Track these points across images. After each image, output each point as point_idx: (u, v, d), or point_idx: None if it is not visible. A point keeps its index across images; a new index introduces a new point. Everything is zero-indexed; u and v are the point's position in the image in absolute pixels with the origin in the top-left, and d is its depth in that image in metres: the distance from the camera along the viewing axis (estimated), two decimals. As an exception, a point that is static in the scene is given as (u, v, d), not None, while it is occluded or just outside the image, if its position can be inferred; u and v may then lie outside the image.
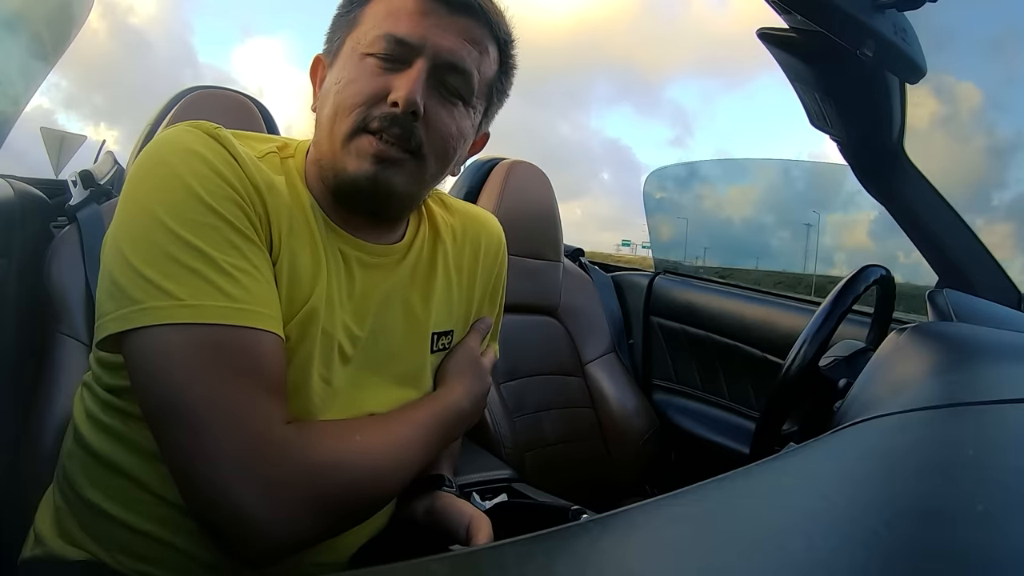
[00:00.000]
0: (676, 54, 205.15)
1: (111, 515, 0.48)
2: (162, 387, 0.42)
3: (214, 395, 0.41)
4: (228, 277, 0.44)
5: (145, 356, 0.42)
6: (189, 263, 0.43)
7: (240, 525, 0.41)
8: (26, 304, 0.72)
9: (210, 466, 0.41)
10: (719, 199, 2.10)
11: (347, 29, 0.53)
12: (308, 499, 0.43)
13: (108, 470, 0.49)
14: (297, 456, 0.44)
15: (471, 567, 0.20)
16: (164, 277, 0.42)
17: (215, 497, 0.41)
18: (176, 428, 0.41)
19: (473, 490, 0.84)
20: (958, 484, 0.25)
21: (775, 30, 0.76)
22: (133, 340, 0.42)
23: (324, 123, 0.52)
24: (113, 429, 0.50)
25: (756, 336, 1.31)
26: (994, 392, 0.41)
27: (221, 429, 0.41)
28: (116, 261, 0.44)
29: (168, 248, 0.43)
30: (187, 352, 0.42)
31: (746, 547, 0.21)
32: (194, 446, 0.41)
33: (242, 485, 0.41)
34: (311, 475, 0.44)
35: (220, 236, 0.44)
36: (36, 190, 0.83)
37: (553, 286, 1.35)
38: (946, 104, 1.02)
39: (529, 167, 1.33)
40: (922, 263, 0.92)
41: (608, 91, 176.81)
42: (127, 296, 0.43)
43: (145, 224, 0.44)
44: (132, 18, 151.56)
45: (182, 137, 0.47)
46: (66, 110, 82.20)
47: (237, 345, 0.43)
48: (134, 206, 0.45)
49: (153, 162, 0.46)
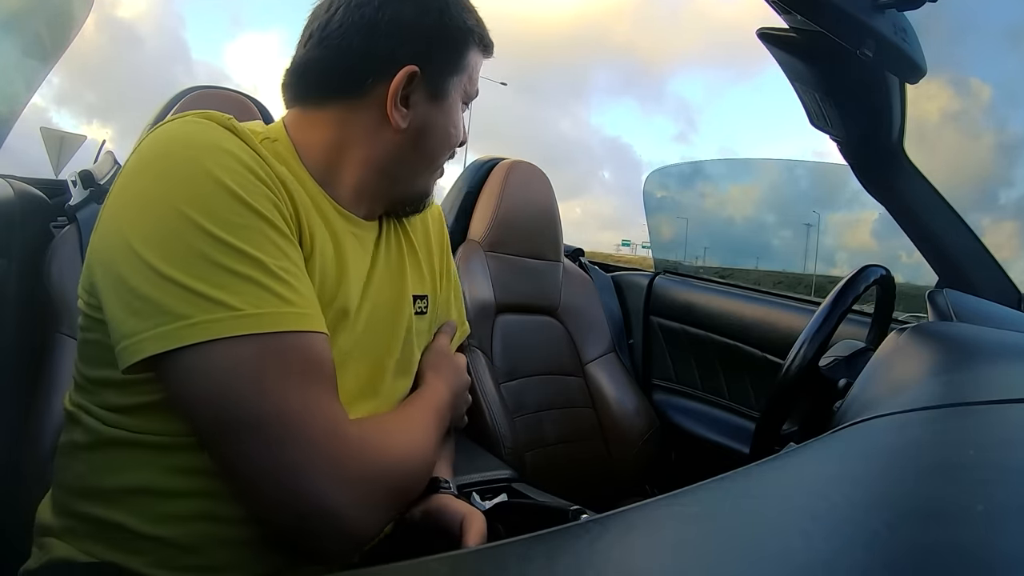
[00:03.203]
0: (680, 45, 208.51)
1: (118, 523, 0.46)
2: (229, 403, 0.40)
3: (289, 405, 0.41)
4: (279, 280, 0.42)
5: (203, 373, 0.40)
6: (238, 269, 0.41)
7: (333, 527, 0.42)
8: (26, 304, 0.72)
9: (297, 476, 0.40)
10: (719, 198, 2.10)
11: (453, 71, 0.56)
12: (387, 492, 0.45)
13: (112, 483, 0.47)
14: (374, 453, 0.45)
15: (471, 567, 0.20)
16: (212, 287, 0.40)
17: (308, 505, 0.41)
18: (251, 442, 0.40)
19: (473, 490, 0.84)
20: (958, 484, 0.25)
21: (775, 30, 0.76)
22: (181, 358, 0.39)
23: (427, 150, 0.57)
24: (119, 442, 0.47)
25: (756, 336, 1.31)
26: (994, 392, 0.41)
27: (302, 437, 0.41)
28: (137, 271, 0.40)
29: (210, 253, 0.40)
30: (254, 364, 0.40)
31: (746, 547, 0.21)
32: (276, 458, 0.40)
33: (333, 489, 0.41)
34: (387, 469, 0.46)
35: (263, 236, 0.43)
36: (36, 190, 0.83)
37: (553, 286, 1.35)
38: (947, 103, 1.02)
39: (529, 167, 1.33)
40: (923, 263, 0.92)
41: (609, 85, 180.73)
42: (166, 311, 0.39)
43: (175, 227, 0.40)
44: (120, 11, 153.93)
45: (199, 130, 0.44)
46: (58, 107, 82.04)
47: (299, 350, 0.42)
48: (153, 206, 0.41)
49: (170, 157, 0.43)
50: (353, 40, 0.52)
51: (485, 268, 1.23)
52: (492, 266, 1.24)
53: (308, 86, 0.55)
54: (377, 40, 0.52)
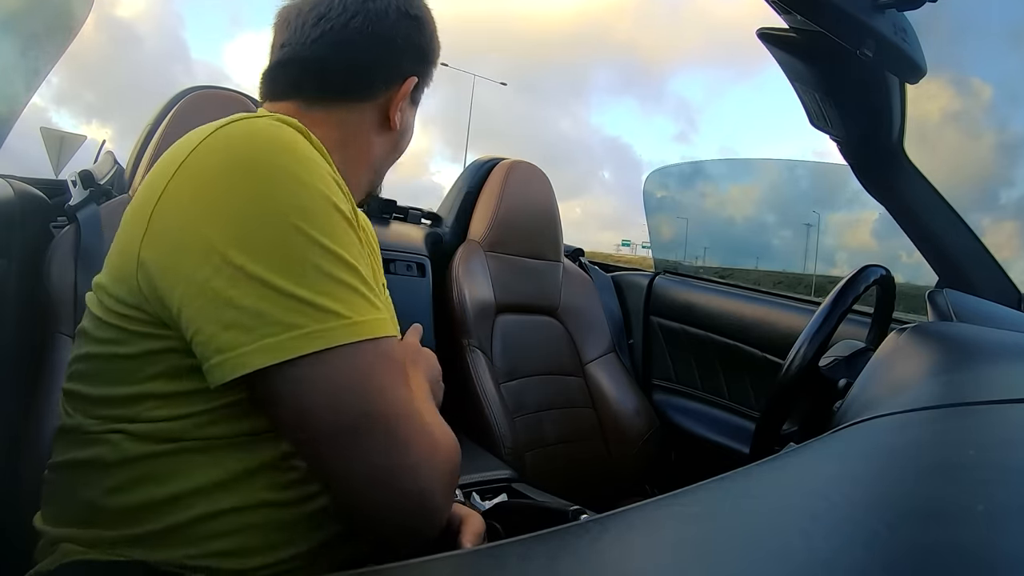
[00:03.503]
0: (681, 44, 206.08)
1: (162, 529, 0.46)
2: (351, 407, 0.41)
3: (404, 406, 0.43)
4: (369, 288, 0.43)
5: (320, 381, 0.40)
6: (342, 277, 0.41)
7: (431, 521, 0.44)
8: (26, 304, 0.72)
9: (415, 472, 0.43)
10: (719, 198, 2.10)
11: (428, 84, 0.63)
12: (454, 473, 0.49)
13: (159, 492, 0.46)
14: (447, 437, 0.49)
15: (472, 567, 0.20)
16: (320, 295, 0.40)
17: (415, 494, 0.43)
18: (372, 446, 0.41)
19: (473, 490, 0.84)
20: (958, 484, 0.25)
21: (775, 30, 0.76)
22: (294, 369, 0.39)
23: (400, 151, 0.63)
24: (163, 453, 0.45)
25: (756, 336, 1.31)
26: (994, 392, 0.41)
27: (416, 435, 0.43)
28: (236, 282, 0.39)
29: (317, 262, 0.40)
30: (370, 369, 0.41)
31: (746, 547, 0.21)
32: (394, 459, 0.42)
33: (432, 476, 0.44)
34: (452, 450, 0.49)
35: (354, 243, 0.44)
36: (36, 190, 0.83)
37: (553, 286, 1.35)
38: (947, 103, 1.02)
39: (529, 167, 1.34)
40: (923, 263, 0.92)
41: (610, 84, 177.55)
42: (274, 322, 0.39)
43: (288, 239, 0.40)
44: (119, 11, 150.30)
45: (288, 136, 0.44)
46: (57, 107, 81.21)
47: (397, 354, 0.44)
48: (253, 216, 0.40)
49: (263, 164, 0.42)
50: (372, 49, 0.56)
51: (485, 268, 1.23)
52: (492, 266, 1.24)
53: (318, 84, 0.56)
54: (392, 52, 0.57)
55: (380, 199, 1.30)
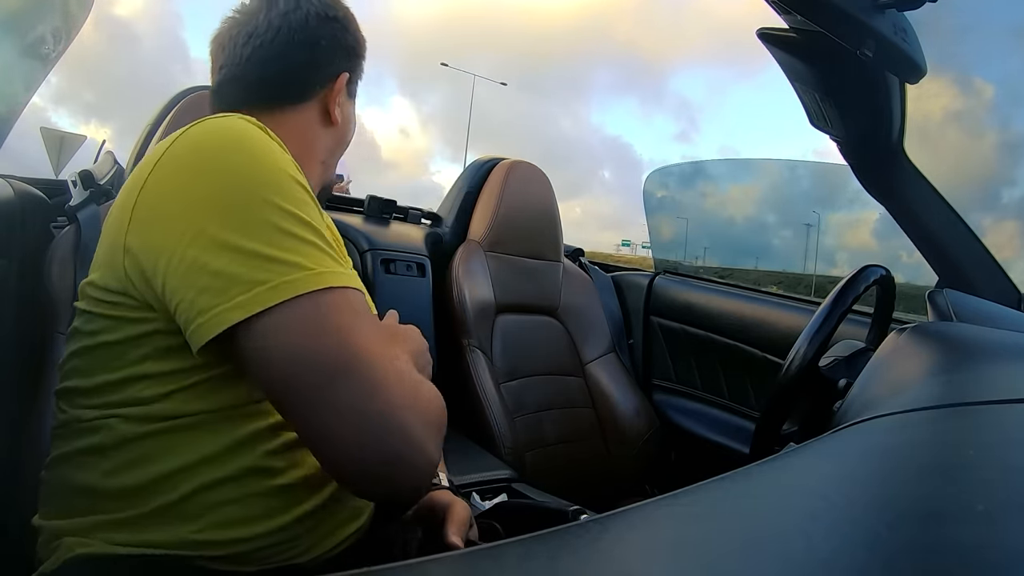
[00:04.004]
0: (682, 42, 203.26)
1: (162, 506, 0.48)
2: (322, 352, 0.43)
3: (377, 348, 0.45)
4: (332, 248, 0.47)
5: (289, 330, 0.42)
6: (305, 236, 0.45)
7: (419, 462, 0.45)
8: (26, 304, 0.72)
9: (395, 411, 0.44)
10: (719, 199, 2.10)
11: (360, 76, 0.68)
12: (438, 420, 0.50)
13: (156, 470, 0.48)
14: (437, 401, 0.51)
15: (473, 567, 0.20)
16: (285, 251, 0.44)
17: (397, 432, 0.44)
18: (349, 387, 0.43)
19: (473, 490, 0.84)
20: (958, 484, 0.25)
21: (775, 30, 0.76)
22: (264, 322, 0.42)
23: (345, 142, 0.68)
24: (159, 432, 0.48)
25: (756, 336, 1.31)
26: (994, 392, 0.41)
27: (393, 377, 0.45)
28: (216, 253, 0.43)
29: (283, 225, 0.44)
30: (336, 314, 0.44)
31: (746, 547, 0.21)
32: (375, 398, 0.43)
33: (412, 414, 0.45)
34: (434, 401, 0.51)
35: (317, 213, 0.48)
36: (36, 190, 0.83)
37: (553, 286, 1.35)
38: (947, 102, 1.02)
39: (529, 167, 1.34)
40: (923, 263, 0.92)
41: (610, 83, 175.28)
42: (243, 281, 0.42)
43: (252, 207, 0.44)
44: (117, 9, 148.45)
45: (248, 127, 0.49)
46: (56, 106, 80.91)
47: (361, 303, 0.47)
48: (228, 191, 0.45)
49: (237, 148, 0.47)
50: (301, 56, 0.61)
51: (485, 268, 1.23)
52: (492, 266, 1.24)
53: (259, 95, 0.61)
54: (321, 54, 0.63)
55: (380, 199, 1.30)
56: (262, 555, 0.50)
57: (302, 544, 0.53)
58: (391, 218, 1.32)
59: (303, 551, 0.53)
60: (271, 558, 0.51)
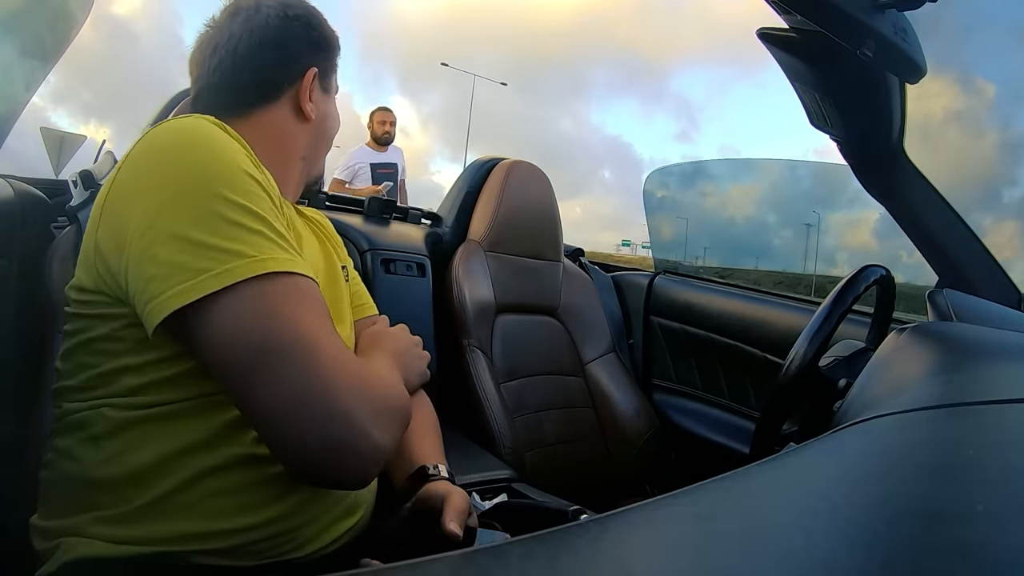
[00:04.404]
0: (683, 41, 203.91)
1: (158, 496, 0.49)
2: (259, 336, 0.44)
3: (313, 330, 0.46)
4: (281, 237, 0.49)
5: (229, 315, 0.44)
6: (250, 225, 0.47)
7: (363, 445, 0.46)
8: (26, 304, 0.72)
9: (332, 395, 0.45)
10: (719, 198, 2.10)
11: (333, 70, 0.70)
12: (390, 406, 0.51)
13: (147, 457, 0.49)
14: (374, 372, 0.52)
15: (473, 567, 0.20)
16: (228, 240, 0.45)
17: (338, 417, 0.45)
18: (286, 368, 0.44)
19: (473, 490, 0.84)
20: (958, 484, 0.25)
21: (775, 30, 0.76)
22: (206, 309, 0.44)
23: (326, 137, 0.71)
24: (147, 419, 0.50)
25: (756, 336, 1.31)
26: (994, 392, 0.41)
27: (329, 358, 0.46)
28: (163, 243, 0.45)
29: (230, 216, 0.46)
30: (274, 299, 0.45)
31: (746, 547, 0.21)
32: (313, 380, 0.44)
33: (360, 406, 0.46)
34: (386, 388, 0.53)
35: (268, 204, 0.49)
36: (36, 190, 0.83)
37: (553, 286, 1.35)
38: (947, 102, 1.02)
39: (529, 167, 1.33)
40: (923, 263, 0.92)
41: (610, 82, 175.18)
42: (186, 269, 0.44)
43: (201, 200, 0.46)
44: (116, 8, 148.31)
45: (205, 125, 0.51)
46: (55, 106, 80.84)
47: (307, 288, 0.48)
48: (180, 187, 0.47)
49: (190, 145, 0.49)
50: (266, 58, 0.64)
51: (485, 268, 1.23)
52: (492, 266, 1.24)
53: (232, 100, 0.64)
54: (285, 54, 0.65)
55: (380, 199, 1.30)
56: (258, 548, 0.51)
57: (298, 537, 0.53)
58: (391, 218, 1.32)
59: (299, 545, 0.53)
60: (267, 552, 0.52)
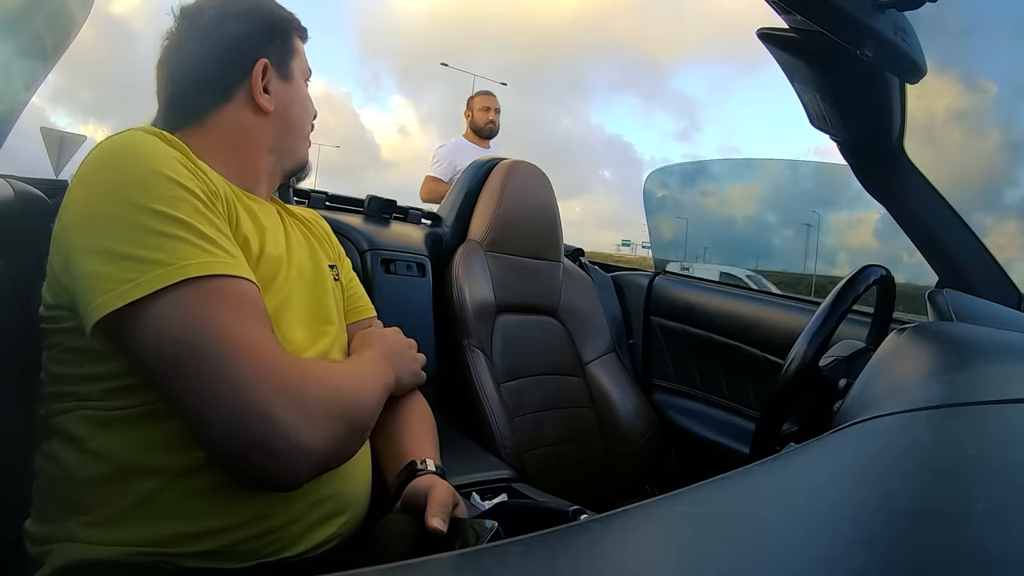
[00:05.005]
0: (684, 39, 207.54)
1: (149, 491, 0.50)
2: (175, 340, 0.46)
3: (228, 331, 0.47)
4: (206, 239, 0.49)
5: (148, 323, 0.46)
6: (171, 231, 0.48)
7: (284, 442, 0.46)
8: (26, 304, 0.72)
9: (245, 392, 0.45)
10: (720, 198, 2.10)
11: (290, 55, 0.69)
12: (325, 404, 0.51)
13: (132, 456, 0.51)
14: (307, 370, 0.52)
15: (473, 567, 0.20)
16: (150, 250, 0.47)
17: (254, 417, 0.45)
18: (200, 369, 0.45)
19: (473, 490, 0.84)
20: (958, 484, 0.25)
21: (775, 30, 0.76)
22: (128, 318, 0.46)
23: (294, 125, 0.69)
24: (124, 420, 0.51)
25: (756, 336, 1.31)
26: (994, 392, 0.41)
27: (244, 356, 0.46)
28: (92, 257, 0.47)
29: (149, 224, 0.47)
30: (191, 304, 0.46)
31: (746, 547, 0.21)
32: (226, 380, 0.45)
33: (278, 402, 0.46)
34: (323, 386, 0.52)
35: (191, 207, 0.50)
36: (36, 190, 0.83)
37: (553, 286, 1.35)
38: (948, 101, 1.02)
39: (529, 167, 1.33)
40: (923, 263, 0.92)
41: (611, 81, 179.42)
42: (110, 280, 0.46)
43: (122, 212, 0.48)
44: (114, 7, 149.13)
45: (134, 136, 0.53)
46: (53, 105, 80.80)
47: (230, 289, 0.49)
48: (105, 202, 0.49)
49: (115, 159, 0.51)
50: (211, 61, 0.64)
51: (485, 268, 1.23)
52: (492, 266, 1.24)
53: (188, 108, 0.65)
54: (230, 51, 0.64)
55: (380, 199, 1.30)
56: (245, 549, 0.52)
57: (284, 537, 0.54)
58: (391, 218, 1.32)
59: (287, 545, 0.54)
60: (255, 553, 0.52)
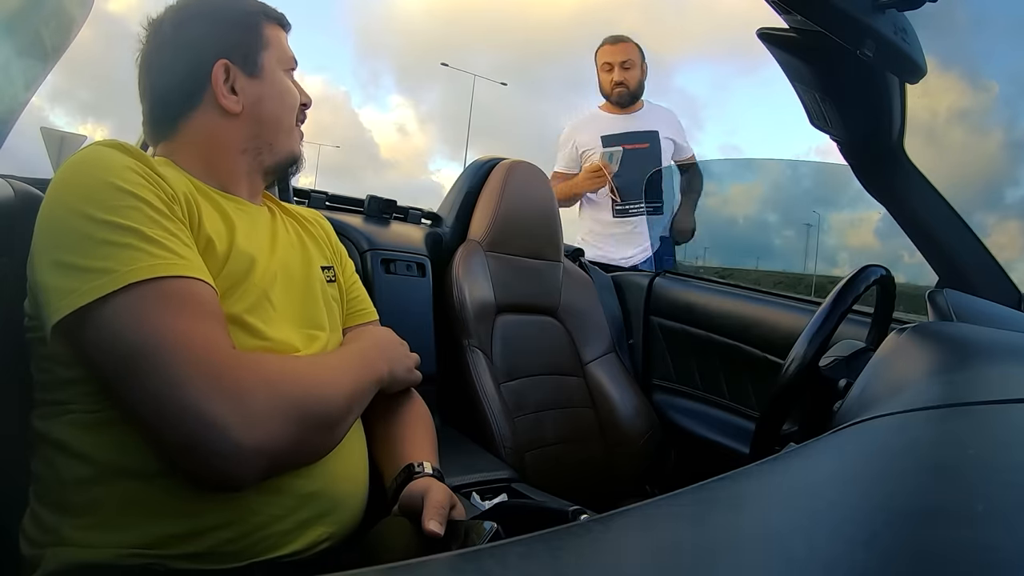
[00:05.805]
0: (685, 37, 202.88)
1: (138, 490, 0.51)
2: (117, 344, 0.47)
3: (167, 332, 0.47)
4: (154, 243, 0.50)
5: (93, 330, 0.47)
6: (117, 239, 0.49)
7: (217, 436, 0.46)
8: (26, 304, 0.72)
9: (181, 390, 0.46)
10: (720, 198, 2.10)
11: (259, 48, 0.67)
12: (271, 402, 0.50)
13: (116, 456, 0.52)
14: (253, 366, 0.51)
15: (474, 567, 0.20)
16: (96, 259, 0.48)
17: (189, 416, 0.46)
18: (143, 372, 0.46)
19: (473, 490, 0.84)
20: (958, 484, 0.25)
21: (775, 30, 0.76)
22: (75, 326, 0.47)
23: (269, 121, 0.67)
24: (111, 420, 0.52)
25: (756, 336, 1.31)
26: (994, 392, 0.41)
27: (181, 357, 0.47)
28: (46, 269, 0.50)
29: (94, 233, 0.49)
30: (133, 308, 0.47)
31: (746, 547, 0.21)
32: (163, 379, 0.46)
33: (212, 397, 0.47)
34: (269, 382, 0.51)
35: (140, 212, 0.51)
36: (36, 190, 0.83)
37: (553, 286, 1.35)
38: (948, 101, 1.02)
39: (529, 167, 1.33)
40: (923, 263, 0.92)
41: None
42: (60, 290, 0.48)
43: (71, 224, 0.50)
44: (111, 6, 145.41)
45: (92, 150, 0.55)
46: (52, 105, 79.75)
47: (175, 290, 0.49)
48: (58, 214, 0.51)
49: (71, 174, 0.53)
50: (175, 72, 0.64)
51: (485, 268, 1.23)
52: (492, 266, 1.24)
53: (162, 120, 0.66)
54: (190, 59, 0.64)
55: (380, 199, 1.30)
56: (233, 550, 0.52)
57: (271, 536, 0.54)
58: (391, 218, 1.32)
59: (275, 545, 0.54)
60: (244, 553, 0.52)
